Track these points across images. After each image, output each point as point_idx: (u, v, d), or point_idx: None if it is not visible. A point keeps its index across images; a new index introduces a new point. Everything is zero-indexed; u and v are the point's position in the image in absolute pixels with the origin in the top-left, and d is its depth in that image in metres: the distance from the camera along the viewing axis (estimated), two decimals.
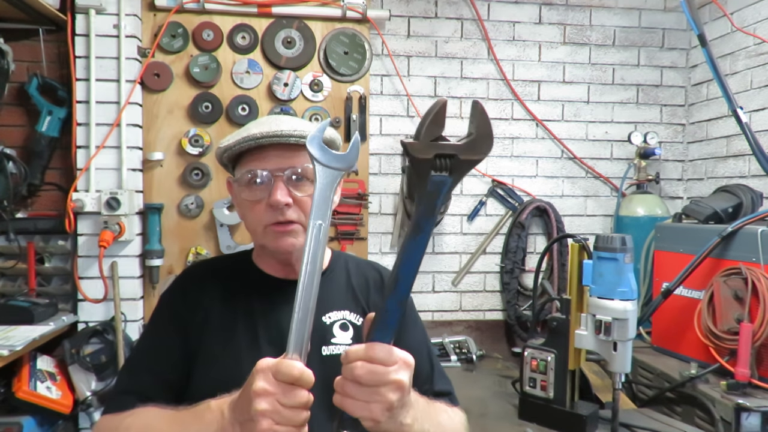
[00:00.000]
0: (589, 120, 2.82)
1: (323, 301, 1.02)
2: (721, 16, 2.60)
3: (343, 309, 1.12)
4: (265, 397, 0.73)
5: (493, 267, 2.78)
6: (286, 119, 1.06)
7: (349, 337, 1.09)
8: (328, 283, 1.12)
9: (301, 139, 1.01)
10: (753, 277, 1.77)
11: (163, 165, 2.37)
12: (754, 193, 2.12)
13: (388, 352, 0.76)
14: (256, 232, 1.07)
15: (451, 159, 0.74)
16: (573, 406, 1.64)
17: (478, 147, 0.76)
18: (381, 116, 2.67)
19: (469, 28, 2.73)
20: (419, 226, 0.76)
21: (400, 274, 0.77)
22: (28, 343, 1.83)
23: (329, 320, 1.09)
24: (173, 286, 1.16)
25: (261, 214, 1.04)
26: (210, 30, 2.37)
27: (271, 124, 1.02)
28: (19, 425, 1.93)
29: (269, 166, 1.02)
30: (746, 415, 1.63)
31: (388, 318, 0.77)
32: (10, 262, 2.22)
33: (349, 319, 1.11)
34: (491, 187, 2.76)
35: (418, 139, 0.74)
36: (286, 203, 1.01)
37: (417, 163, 0.74)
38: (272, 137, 1.00)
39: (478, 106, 0.75)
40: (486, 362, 2.42)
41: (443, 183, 0.74)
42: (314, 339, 0.93)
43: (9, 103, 2.28)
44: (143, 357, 1.12)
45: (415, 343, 1.12)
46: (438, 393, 1.13)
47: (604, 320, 1.51)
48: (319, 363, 0.98)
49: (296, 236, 1.04)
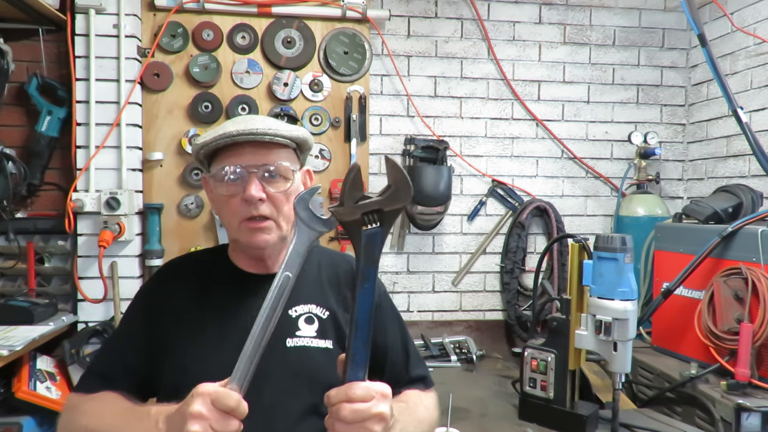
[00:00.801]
0: (589, 120, 2.82)
1: (291, 294, 1.07)
2: (721, 16, 2.60)
3: (310, 303, 1.15)
4: (199, 420, 0.79)
5: (493, 267, 2.77)
6: (261, 119, 1.11)
7: (313, 330, 1.12)
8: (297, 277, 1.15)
9: (276, 137, 1.05)
10: (753, 277, 1.77)
11: (163, 165, 2.37)
12: (754, 193, 2.12)
13: (366, 389, 0.84)
14: (231, 227, 1.10)
15: (377, 213, 0.84)
16: (573, 406, 1.64)
17: (399, 197, 0.85)
18: (381, 116, 2.67)
19: (469, 27, 2.73)
20: (365, 276, 0.85)
21: (358, 319, 0.85)
22: (27, 343, 1.83)
23: (295, 313, 1.13)
24: (151, 278, 1.23)
25: (235, 209, 1.06)
26: (210, 30, 2.36)
27: (247, 123, 1.05)
28: (18, 425, 1.93)
29: (244, 162, 1.05)
30: (746, 415, 1.63)
31: (356, 358, 0.85)
32: (10, 262, 2.22)
33: (315, 312, 1.14)
34: (491, 187, 2.75)
35: (342, 205, 0.84)
36: (260, 198, 1.04)
37: (348, 226, 0.85)
38: (247, 135, 1.03)
39: (389, 162, 0.85)
40: (486, 362, 2.42)
41: (376, 234, 0.85)
42: (279, 331, 0.98)
43: (9, 103, 2.28)
44: (113, 342, 1.22)
45: (391, 341, 1.21)
46: (413, 379, 1.22)
47: (605, 320, 1.51)
48: (283, 353, 1.08)
49: (269, 233, 1.08)
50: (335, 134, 2.48)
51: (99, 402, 1.05)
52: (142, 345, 1.10)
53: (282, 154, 1.09)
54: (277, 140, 1.06)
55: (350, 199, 0.84)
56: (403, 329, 1.27)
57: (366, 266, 0.85)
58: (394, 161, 0.85)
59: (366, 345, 0.85)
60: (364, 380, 0.85)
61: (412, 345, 1.27)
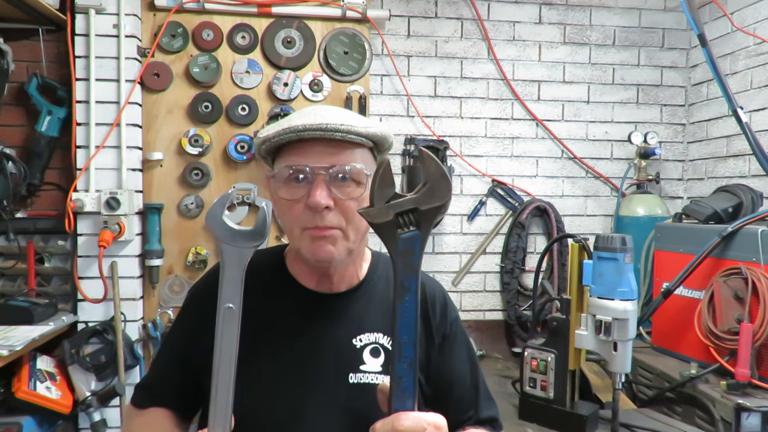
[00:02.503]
0: (589, 120, 2.82)
1: (354, 319, 0.99)
2: (721, 16, 2.60)
3: (376, 330, 1.00)
4: None
5: (493, 267, 2.77)
6: (333, 110, 0.95)
7: (379, 364, 0.98)
8: (362, 297, 1.03)
9: (349, 134, 0.91)
10: (753, 277, 1.77)
11: (163, 165, 2.37)
12: (754, 193, 2.12)
13: (416, 420, 0.74)
14: (293, 234, 0.96)
15: (413, 213, 0.74)
16: (573, 406, 1.63)
17: (437, 193, 0.74)
18: (381, 116, 2.67)
19: (469, 27, 2.72)
20: (405, 287, 0.75)
21: (401, 339, 0.75)
22: (27, 343, 1.83)
23: (360, 343, 0.99)
24: (204, 281, 1.07)
25: (298, 216, 0.93)
26: (210, 30, 2.36)
27: (316, 116, 0.92)
28: (18, 425, 1.93)
29: (310, 162, 0.91)
30: (746, 415, 1.63)
31: (403, 384, 0.75)
32: (10, 262, 2.22)
33: (381, 342, 1.00)
34: (491, 187, 2.75)
35: (373, 206, 0.74)
36: (327, 206, 0.90)
37: (380, 229, 0.75)
38: (315, 130, 0.89)
39: (423, 153, 0.75)
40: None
41: (414, 239, 0.74)
42: (342, 364, 0.92)
43: (9, 103, 2.28)
44: (162, 353, 1.11)
45: (459, 369, 1.06)
46: (482, 420, 1.08)
47: (604, 320, 1.51)
48: (347, 391, 0.95)
49: (335, 243, 0.93)
50: None
51: (144, 421, 1.01)
52: (193, 360, 0.98)
53: (357, 154, 0.94)
54: (351, 138, 0.91)
55: (380, 198, 0.74)
56: (474, 362, 1.11)
57: (407, 276, 0.75)
58: (429, 153, 0.75)
59: (413, 368, 0.75)
60: (414, 409, 0.76)
61: (482, 382, 1.11)
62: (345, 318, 1.00)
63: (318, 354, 0.96)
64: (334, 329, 0.99)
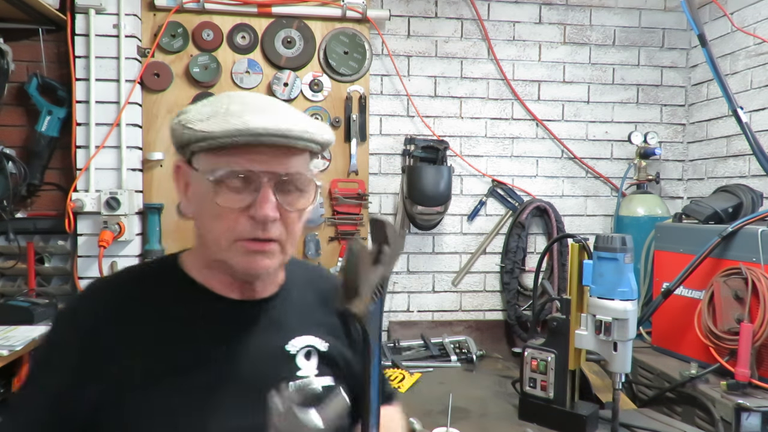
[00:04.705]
0: (589, 120, 2.82)
1: (283, 325, 0.94)
2: (721, 16, 2.60)
3: (306, 333, 0.95)
4: None
5: (493, 267, 2.77)
6: (283, 110, 0.85)
7: (314, 366, 0.93)
8: (285, 301, 0.97)
9: (309, 143, 0.84)
10: (753, 277, 1.77)
11: (163, 165, 2.37)
12: (754, 193, 2.12)
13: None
14: (219, 245, 0.84)
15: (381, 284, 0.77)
16: (573, 406, 1.64)
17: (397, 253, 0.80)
18: (381, 116, 2.67)
19: (469, 27, 2.72)
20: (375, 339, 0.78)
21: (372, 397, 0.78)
22: (27, 343, 1.82)
23: (294, 349, 0.93)
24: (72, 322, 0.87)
25: (232, 226, 0.82)
26: (210, 30, 2.36)
27: (276, 118, 0.81)
28: None
29: (260, 167, 0.81)
30: (746, 415, 1.63)
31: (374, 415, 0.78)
32: (10, 262, 2.22)
33: (313, 345, 0.95)
34: (491, 187, 2.75)
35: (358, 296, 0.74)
36: (275, 218, 0.82)
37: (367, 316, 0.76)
38: (278, 137, 0.80)
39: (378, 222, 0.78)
40: (486, 362, 2.41)
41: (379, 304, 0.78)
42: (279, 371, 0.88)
43: (9, 103, 2.28)
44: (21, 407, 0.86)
45: None
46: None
47: (604, 320, 1.51)
48: None
49: (272, 257, 0.85)
50: (335, 134, 2.46)
51: None
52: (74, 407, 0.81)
53: (303, 159, 0.86)
54: (311, 147, 0.84)
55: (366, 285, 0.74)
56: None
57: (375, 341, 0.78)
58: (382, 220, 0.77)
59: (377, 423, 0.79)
60: None
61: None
62: (272, 324, 0.93)
63: (253, 365, 0.88)
64: (264, 337, 0.92)
